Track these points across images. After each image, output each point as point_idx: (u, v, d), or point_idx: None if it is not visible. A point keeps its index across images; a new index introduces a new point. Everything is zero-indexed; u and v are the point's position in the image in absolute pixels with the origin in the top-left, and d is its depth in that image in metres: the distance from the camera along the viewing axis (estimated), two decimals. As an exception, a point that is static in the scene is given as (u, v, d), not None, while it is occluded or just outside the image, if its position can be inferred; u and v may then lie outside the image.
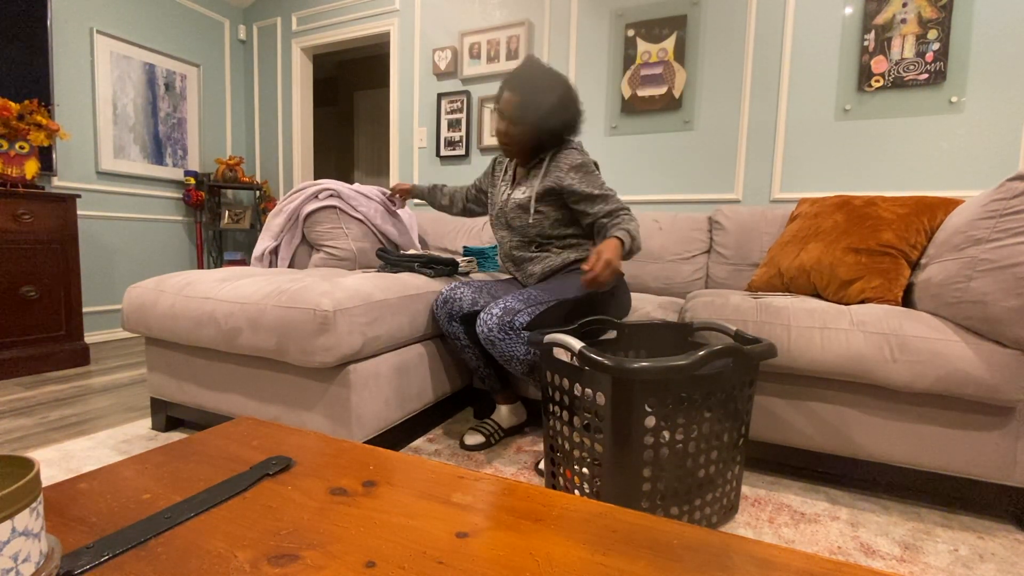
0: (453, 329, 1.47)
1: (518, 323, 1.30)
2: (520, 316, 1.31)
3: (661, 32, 2.32)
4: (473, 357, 1.49)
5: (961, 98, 1.87)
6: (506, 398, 1.57)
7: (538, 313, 1.34)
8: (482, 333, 1.32)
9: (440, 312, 1.47)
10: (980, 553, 1.03)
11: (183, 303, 1.38)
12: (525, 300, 1.35)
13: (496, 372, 1.54)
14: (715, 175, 2.28)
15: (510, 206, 1.54)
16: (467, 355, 1.49)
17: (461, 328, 1.47)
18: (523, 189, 1.53)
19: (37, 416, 1.69)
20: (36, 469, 0.38)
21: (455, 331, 1.47)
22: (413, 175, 3.03)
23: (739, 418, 1.07)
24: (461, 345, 1.48)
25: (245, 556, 0.44)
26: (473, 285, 1.50)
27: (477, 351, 1.49)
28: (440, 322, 1.48)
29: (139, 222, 3.11)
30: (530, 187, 1.51)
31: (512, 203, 1.53)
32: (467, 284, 1.50)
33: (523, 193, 1.52)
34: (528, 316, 1.32)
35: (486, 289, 1.52)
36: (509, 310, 1.31)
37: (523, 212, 1.51)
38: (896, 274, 1.37)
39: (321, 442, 0.69)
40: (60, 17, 2.65)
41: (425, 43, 2.93)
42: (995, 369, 1.07)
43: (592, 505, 0.54)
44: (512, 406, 1.57)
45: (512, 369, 1.34)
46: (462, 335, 1.47)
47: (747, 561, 0.45)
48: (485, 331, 1.31)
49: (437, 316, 1.49)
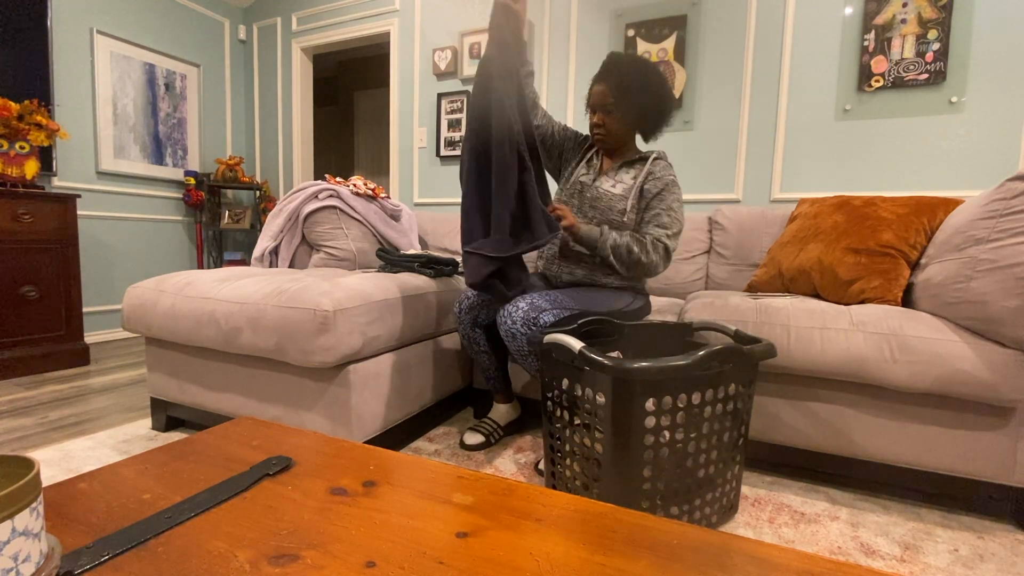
0: (475, 335, 1.46)
1: (543, 321, 1.28)
2: (545, 315, 1.29)
3: (661, 32, 2.32)
4: (487, 361, 1.49)
5: (961, 98, 1.87)
6: (506, 397, 1.57)
7: (563, 317, 1.32)
8: (504, 325, 1.29)
9: (464, 317, 1.45)
10: (980, 553, 1.03)
11: (183, 303, 1.38)
12: (552, 301, 1.32)
13: (504, 375, 1.55)
14: (715, 175, 2.28)
15: (598, 193, 1.48)
16: (482, 359, 1.49)
17: (483, 334, 1.46)
18: (618, 185, 1.49)
19: (37, 416, 1.69)
20: (36, 469, 0.38)
21: (476, 337, 1.46)
22: (413, 175, 3.03)
23: (739, 418, 1.07)
24: (478, 350, 1.47)
25: (245, 556, 0.44)
26: None
27: (494, 357, 1.49)
28: (461, 325, 1.46)
29: (139, 222, 3.11)
30: (624, 184, 1.48)
31: (600, 192, 1.48)
32: None
33: (618, 188, 1.48)
34: (553, 317, 1.30)
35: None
36: (536, 307, 1.29)
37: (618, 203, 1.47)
38: (896, 274, 1.37)
39: (321, 442, 0.69)
40: (60, 17, 2.65)
41: (425, 43, 2.93)
42: (995, 369, 1.07)
43: (592, 505, 0.54)
44: (511, 404, 1.58)
45: (526, 365, 1.33)
46: (483, 341, 1.47)
47: (747, 561, 0.45)
48: (509, 323, 1.28)
49: (459, 319, 1.46)
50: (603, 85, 1.44)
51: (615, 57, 1.45)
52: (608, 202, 1.47)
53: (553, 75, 2.57)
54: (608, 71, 1.44)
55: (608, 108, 1.44)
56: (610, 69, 1.43)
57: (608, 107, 1.44)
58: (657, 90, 1.43)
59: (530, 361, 1.32)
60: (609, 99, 1.43)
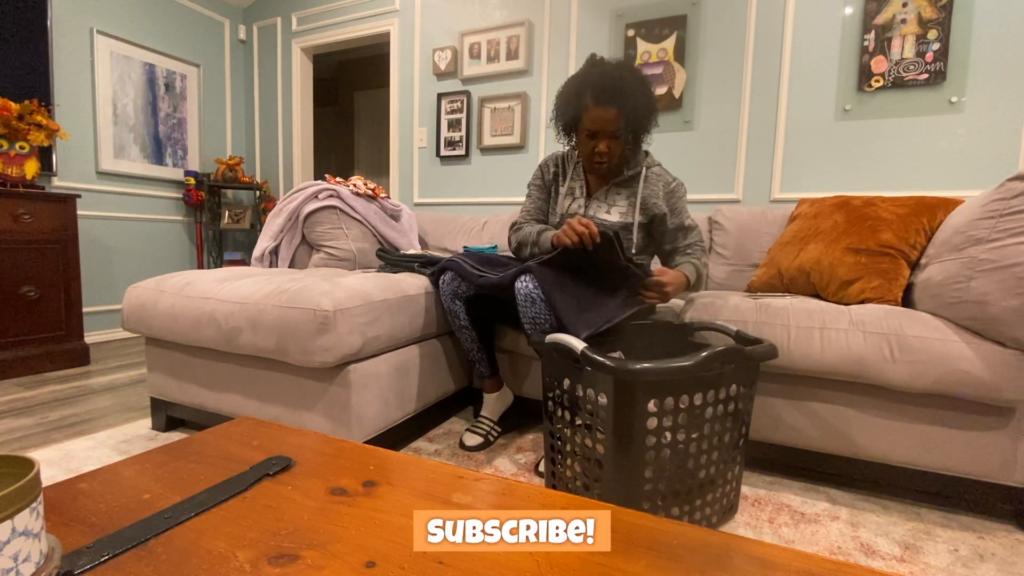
0: (455, 308, 1.45)
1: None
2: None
3: (661, 32, 2.32)
4: (468, 338, 1.49)
5: (961, 98, 1.87)
6: (493, 385, 1.55)
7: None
8: (524, 289, 1.22)
9: (446, 288, 1.44)
10: (980, 553, 1.03)
11: (183, 303, 1.38)
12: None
13: (489, 355, 1.53)
14: (715, 175, 2.28)
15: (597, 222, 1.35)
16: (463, 335, 1.48)
17: (463, 307, 1.46)
18: (612, 209, 1.42)
19: (37, 416, 1.69)
20: (36, 469, 0.38)
21: (456, 309, 1.46)
22: (413, 175, 3.03)
23: (740, 418, 1.07)
24: (459, 325, 1.47)
25: (245, 556, 0.44)
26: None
27: (474, 333, 1.48)
28: (443, 297, 1.45)
29: (139, 222, 3.11)
30: (619, 208, 1.42)
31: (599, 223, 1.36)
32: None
33: (618, 216, 1.41)
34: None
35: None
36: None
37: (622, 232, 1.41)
38: (896, 274, 1.37)
39: (321, 442, 0.69)
40: (60, 17, 2.65)
41: (425, 43, 2.93)
42: (995, 369, 1.07)
43: (592, 505, 0.54)
44: (499, 393, 1.56)
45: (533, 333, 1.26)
46: (463, 314, 1.46)
47: (747, 561, 0.45)
48: (531, 287, 1.21)
49: (441, 292, 1.45)
50: (612, 109, 1.27)
51: (613, 73, 1.29)
52: None
53: (553, 75, 2.57)
54: (615, 92, 1.27)
55: (617, 134, 1.30)
56: (617, 90, 1.27)
57: (617, 132, 1.30)
58: (654, 99, 1.35)
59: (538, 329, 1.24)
60: (619, 124, 1.28)
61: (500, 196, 2.77)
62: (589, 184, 1.49)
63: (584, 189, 1.48)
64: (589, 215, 1.43)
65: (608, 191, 1.46)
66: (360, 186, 2.16)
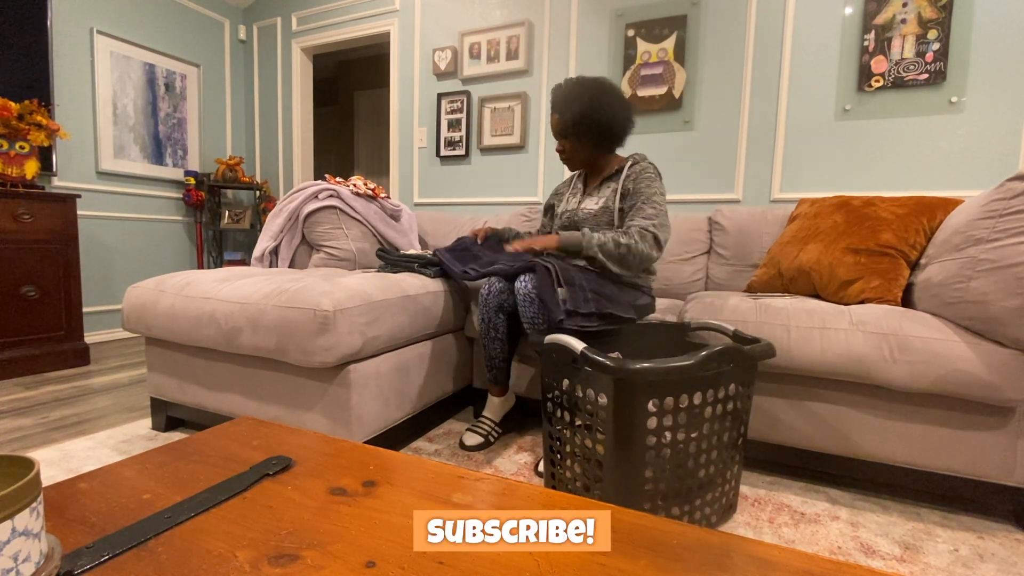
0: (498, 321, 1.46)
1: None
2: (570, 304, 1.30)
3: (661, 32, 2.32)
4: (499, 349, 1.49)
5: (961, 98, 1.87)
6: (503, 390, 1.57)
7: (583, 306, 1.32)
8: (523, 289, 1.32)
9: (491, 300, 1.44)
10: (980, 553, 1.03)
11: (183, 303, 1.38)
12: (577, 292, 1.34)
13: (508, 366, 1.56)
14: (715, 175, 2.28)
15: (582, 215, 1.56)
16: (495, 346, 1.49)
17: (505, 321, 1.46)
18: (599, 199, 1.55)
19: (37, 416, 1.69)
20: (36, 469, 0.38)
21: (498, 323, 1.46)
22: (413, 175, 3.03)
23: (739, 418, 1.07)
24: (495, 336, 1.47)
25: (245, 556, 0.44)
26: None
27: (507, 346, 1.50)
28: (486, 308, 1.45)
29: (139, 222, 3.11)
30: (604, 197, 1.53)
31: (585, 212, 1.55)
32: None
33: (597, 204, 1.54)
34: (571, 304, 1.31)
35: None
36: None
37: (603, 216, 1.52)
38: (895, 274, 1.37)
39: (321, 442, 0.69)
40: (60, 17, 2.65)
41: (425, 43, 2.93)
42: (995, 369, 1.07)
43: (592, 505, 0.54)
44: (505, 397, 1.58)
45: (533, 333, 1.32)
46: (503, 327, 1.47)
47: (747, 561, 0.45)
48: (530, 286, 1.31)
49: (485, 303, 1.45)
50: (554, 115, 1.54)
51: (565, 86, 1.54)
52: (595, 220, 1.52)
53: (553, 75, 2.57)
54: (554, 101, 1.54)
55: (565, 133, 1.53)
56: (556, 98, 1.53)
57: (564, 132, 1.53)
58: (603, 105, 1.48)
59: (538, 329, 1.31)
60: (561, 127, 1.53)
61: (500, 196, 2.77)
62: (587, 185, 1.66)
63: (583, 189, 1.66)
64: (581, 208, 1.59)
65: (600, 186, 1.60)
66: (360, 186, 2.16)
